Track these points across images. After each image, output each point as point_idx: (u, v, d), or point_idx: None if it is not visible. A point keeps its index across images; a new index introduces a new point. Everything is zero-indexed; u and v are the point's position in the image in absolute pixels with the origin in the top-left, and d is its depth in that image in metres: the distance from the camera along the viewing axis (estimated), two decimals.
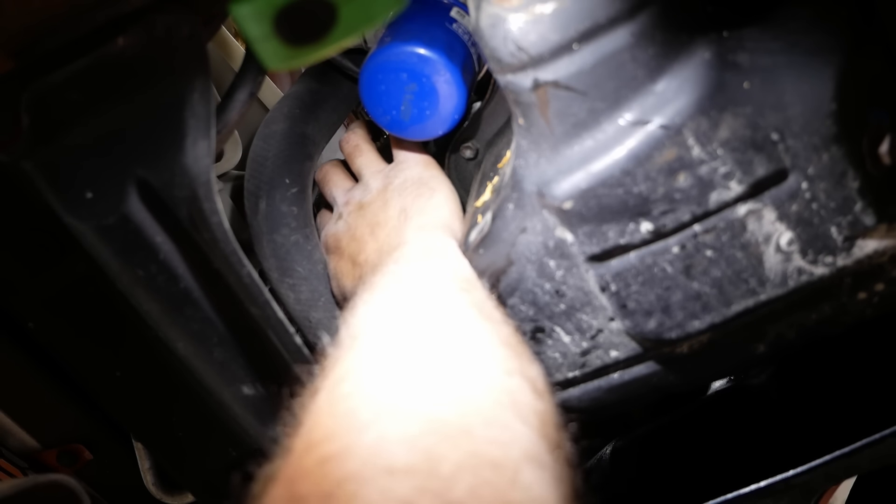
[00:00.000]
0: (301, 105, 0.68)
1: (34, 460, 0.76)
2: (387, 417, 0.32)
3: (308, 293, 0.64)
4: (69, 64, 0.47)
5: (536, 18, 0.40)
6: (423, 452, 0.30)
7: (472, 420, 0.32)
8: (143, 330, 0.52)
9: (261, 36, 0.38)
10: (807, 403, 0.66)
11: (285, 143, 0.66)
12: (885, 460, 0.56)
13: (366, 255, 0.58)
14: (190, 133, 0.47)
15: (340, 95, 0.71)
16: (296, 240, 0.64)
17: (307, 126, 0.67)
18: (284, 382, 0.51)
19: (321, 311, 0.65)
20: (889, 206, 0.43)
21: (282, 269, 0.64)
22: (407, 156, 0.65)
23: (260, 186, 0.65)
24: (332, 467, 0.31)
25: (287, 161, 0.65)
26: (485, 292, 0.45)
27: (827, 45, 0.42)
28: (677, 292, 0.44)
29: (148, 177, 0.47)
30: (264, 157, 0.65)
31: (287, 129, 0.66)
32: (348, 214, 0.63)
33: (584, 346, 0.48)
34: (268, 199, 0.64)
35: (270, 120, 0.67)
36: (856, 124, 0.42)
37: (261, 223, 0.64)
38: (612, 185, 0.42)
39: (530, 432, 0.33)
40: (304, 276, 0.64)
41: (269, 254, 0.64)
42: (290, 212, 0.64)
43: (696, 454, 0.70)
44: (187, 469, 0.61)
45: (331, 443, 0.32)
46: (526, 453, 0.32)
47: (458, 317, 0.40)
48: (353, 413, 0.33)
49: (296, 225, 0.64)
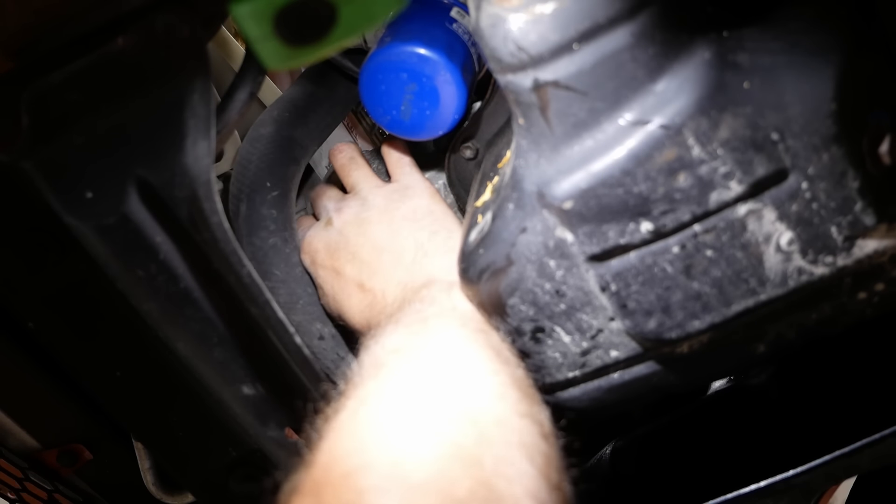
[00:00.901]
0: (291, 109, 0.68)
1: (34, 460, 0.76)
2: (407, 439, 0.35)
3: (286, 296, 0.65)
4: (69, 64, 0.47)
5: (536, 18, 0.40)
6: (440, 474, 0.33)
7: (484, 452, 0.35)
8: (143, 330, 0.52)
9: (261, 36, 0.38)
10: (807, 403, 0.66)
11: (270, 146, 0.66)
12: (885, 460, 0.56)
13: (381, 286, 0.57)
14: (190, 133, 0.47)
15: (335, 98, 0.70)
16: (274, 243, 0.64)
17: (295, 130, 0.67)
18: (286, 384, 0.51)
19: (299, 314, 0.65)
20: (889, 206, 0.43)
21: (260, 271, 0.64)
22: (412, 181, 0.63)
23: (242, 189, 0.65)
24: (354, 480, 0.33)
25: (270, 165, 0.65)
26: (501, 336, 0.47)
27: (827, 46, 0.42)
28: (677, 292, 0.44)
29: (148, 177, 0.47)
30: (248, 161, 0.65)
31: (273, 132, 0.67)
32: (343, 224, 0.61)
33: (584, 345, 0.48)
34: (248, 201, 0.64)
35: (259, 123, 0.68)
36: (856, 124, 0.42)
37: (241, 226, 0.65)
38: (612, 185, 0.42)
39: (534, 472, 0.35)
40: (281, 279, 0.64)
41: (249, 256, 0.64)
42: (270, 215, 0.64)
43: (696, 454, 0.70)
44: (187, 469, 0.61)
45: (353, 458, 0.34)
46: (528, 491, 0.34)
47: (478, 358, 0.43)
48: (375, 433, 0.36)
49: (274, 228, 0.64)
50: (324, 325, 0.66)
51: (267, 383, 0.55)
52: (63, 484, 0.78)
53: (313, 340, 0.65)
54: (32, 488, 0.74)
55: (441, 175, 0.71)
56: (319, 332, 0.65)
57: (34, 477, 0.75)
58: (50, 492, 0.75)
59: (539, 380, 0.51)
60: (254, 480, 0.60)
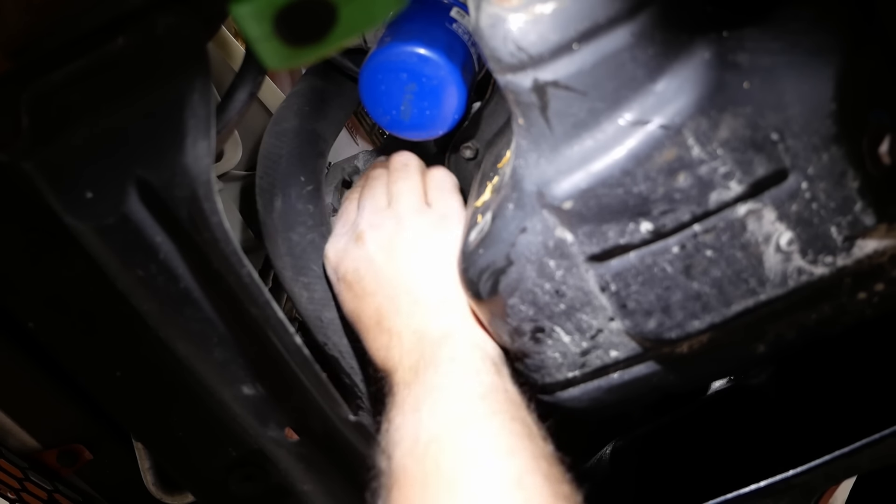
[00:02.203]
0: (309, 102, 0.68)
1: (34, 460, 0.76)
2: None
3: (322, 292, 0.63)
4: (69, 64, 0.47)
5: (536, 18, 0.40)
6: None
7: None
8: (143, 330, 0.52)
9: (261, 36, 0.38)
10: (806, 403, 0.66)
11: (297, 140, 0.65)
12: (885, 460, 0.56)
13: (399, 329, 0.54)
14: (190, 133, 0.47)
15: (345, 94, 0.70)
16: (311, 238, 0.63)
17: (317, 123, 0.67)
18: (286, 384, 0.51)
19: (333, 312, 0.64)
20: (889, 206, 0.43)
21: (297, 267, 0.63)
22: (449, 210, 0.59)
23: (275, 184, 0.64)
24: None
25: (300, 158, 0.64)
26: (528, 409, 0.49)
27: (827, 45, 0.42)
28: (677, 292, 0.44)
29: (148, 177, 0.47)
30: (278, 155, 0.64)
31: (298, 126, 0.66)
32: (375, 247, 0.57)
33: (584, 346, 0.48)
34: (283, 196, 0.63)
35: (280, 118, 0.67)
36: (856, 124, 0.42)
37: (276, 221, 0.63)
38: (612, 185, 0.42)
39: None
40: (318, 276, 0.63)
41: (283, 252, 0.63)
42: (307, 210, 0.63)
43: (696, 454, 0.70)
44: (187, 469, 0.61)
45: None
46: None
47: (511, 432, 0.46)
48: None
49: (312, 223, 0.64)
50: None
51: (267, 383, 0.55)
52: (63, 484, 0.78)
53: (343, 339, 0.64)
54: (32, 488, 0.74)
55: None
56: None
57: (34, 477, 0.75)
58: (50, 492, 0.75)
59: (539, 380, 0.51)
60: (254, 480, 0.60)
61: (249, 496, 0.60)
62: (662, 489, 0.69)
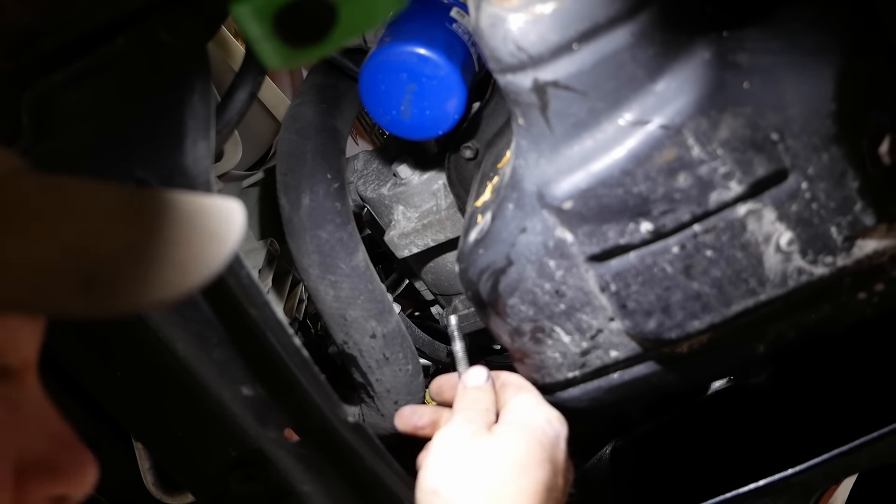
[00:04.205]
0: (325, 99, 0.67)
1: None
2: None
3: (349, 290, 0.63)
4: (69, 64, 0.47)
5: (536, 18, 0.40)
6: None
7: None
8: (143, 330, 0.52)
9: (261, 36, 0.38)
10: (806, 403, 0.66)
11: (321, 137, 0.64)
12: (884, 459, 0.56)
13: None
14: (190, 133, 0.47)
15: (353, 89, 0.69)
16: (340, 237, 0.63)
17: (336, 120, 0.66)
18: (286, 385, 0.51)
19: (358, 310, 0.64)
20: (889, 206, 0.43)
21: (325, 265, 0.63)
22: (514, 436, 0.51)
23: (301, 181, 0.63)
24: None
25: (325, 156, 0.64)
26: None
27: (827, 46, 0.42)
28: (677, 292, 0.44)
29: (147, 177, 0.47)
30: (301, 152, 0.64)
31: (320, 123, 0.65)
32: (468, 450, 0.50)
33: (584, 346, 0.48)
34: (311, 194, 0.62)
35: (297, 115, 0.66)
36: (856, 124, 0.42)
37: (304, 219, 0.62)
38: (612, 185, 0.42)
39: None
40: (346, 274, 0.63)
41: (311, 249, 0.63)
42: (334, 207, 0.63)
43: (696, 454, 0.70)
44: (187, 469, 0.61)
45: None
46: None
47: None
48: None
49: (340, 221, 0.63)
50: (378, 324, 0.64)
51: (266, 384, 0.55)
52: None
53: (365, 338, 0.64)
54: None
55: (441, 175, 0.71)
56: (373, 330, 0.64)
57: None
58: None
59: (539, 380, 0.51)
60: (254, 480, 0.60)
61: (249, 496, 0.60)
62: (662, 488, 0.69)
